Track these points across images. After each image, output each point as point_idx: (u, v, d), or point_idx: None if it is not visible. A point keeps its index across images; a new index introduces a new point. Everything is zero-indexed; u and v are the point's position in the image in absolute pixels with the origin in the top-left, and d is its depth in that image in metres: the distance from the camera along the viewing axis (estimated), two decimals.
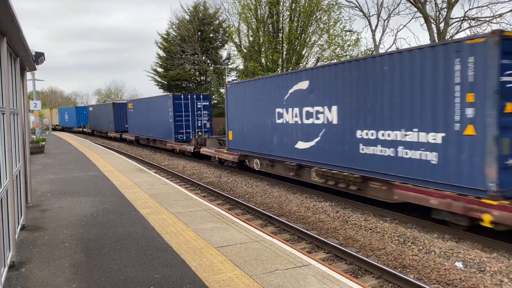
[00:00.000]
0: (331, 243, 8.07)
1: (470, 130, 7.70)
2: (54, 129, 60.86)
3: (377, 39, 30.33)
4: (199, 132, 24.02)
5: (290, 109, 13.36)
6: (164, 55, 47.63)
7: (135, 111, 30.66)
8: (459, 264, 7.12)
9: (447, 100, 8.07)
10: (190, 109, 23.94)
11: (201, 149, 20.48)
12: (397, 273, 6.57)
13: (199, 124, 24.17)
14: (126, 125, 33.44)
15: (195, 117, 24.11)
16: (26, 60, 8.27)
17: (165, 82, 47.65)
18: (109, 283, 5.12)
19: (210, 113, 24.83)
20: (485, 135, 7.44)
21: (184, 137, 23.66)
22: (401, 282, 6.41)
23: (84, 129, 48.55)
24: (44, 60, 9.09)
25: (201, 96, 24.74)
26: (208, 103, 24.67)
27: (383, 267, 6.82)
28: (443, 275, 6.77)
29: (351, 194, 11.22)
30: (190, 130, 23.84)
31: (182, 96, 24.09)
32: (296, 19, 33.18)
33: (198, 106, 24.22)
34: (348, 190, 11.01)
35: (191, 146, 21.59)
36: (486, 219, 7.34)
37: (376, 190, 10.14)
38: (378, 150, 9.85)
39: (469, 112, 7.69)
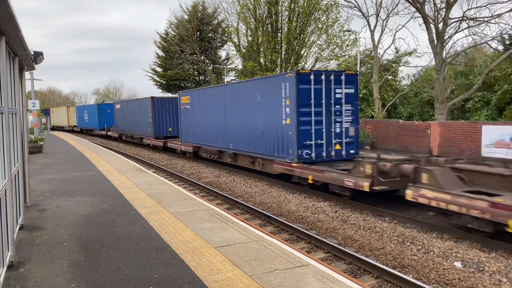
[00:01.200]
0: (330, 243, 8.07)
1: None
2: (72, 130, 52.46)
3: (376, 39, 30.37)
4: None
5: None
6: (163, 54, 47.65)
7: (193, 107, 20.86)
8: (458, 264, 7.13)
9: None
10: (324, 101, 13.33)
11: None
12: (396, 272, 6.58)
13: (338, 131, 13.51)
14: (170, 129, 26.81)
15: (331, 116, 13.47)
16: (25, 59, 8.25)
17: (164, 82, 47.66)
18: (108, 283, 5.12)
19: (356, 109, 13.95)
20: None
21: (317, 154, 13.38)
22: (400, 282, 6.41)
23: (109, 133, 38.17)
24: (43, 59, 9.07)
25: (343, 78, 13.48)
26: (354, 90, 13.72)
27: (382, 266, 6.83)
28: (442, 274, 6.78)
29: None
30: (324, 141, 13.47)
31: (312, 77, 13.08)
32: (295, 19, 33.18)
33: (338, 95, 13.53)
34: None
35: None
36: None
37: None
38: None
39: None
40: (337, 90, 13.38)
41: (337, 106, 13.38)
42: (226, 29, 41.78)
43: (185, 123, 22.32)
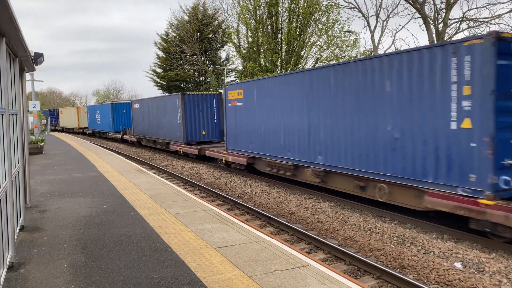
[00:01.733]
0: (330, 243, 8.07)
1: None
2: (82, 133, 48.27)
3: (376, 40, 30.39)
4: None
5: None
6: (163, 55, 47.67)
7: (249, 104, 16.04)
8: (458, 265, 7.13)
9: None
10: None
11: None
12: (396, 273, 6.58)
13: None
14: (203, 132, 22.25)
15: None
16: (25, 60, 8.27)
17: (164, 83, 47.67)
18: (108, 284, 5.12)
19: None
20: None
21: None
22: (400, 283, 6.41)
23: (125, 136, 33.38)
24: (43, 60, 9.08)
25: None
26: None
27: (382, 267, 6.83)
28: (442, 275, 6.77)
29: (350, 195, 11.25)
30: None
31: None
32: (295, 20, 33.21)
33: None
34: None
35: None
36: None
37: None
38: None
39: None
40: None
41: None
42: (226, 30, 41.86)
43: (234, 125, 17.01)
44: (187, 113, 21.62)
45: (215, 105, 22.27)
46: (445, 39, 24.22)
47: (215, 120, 22.47)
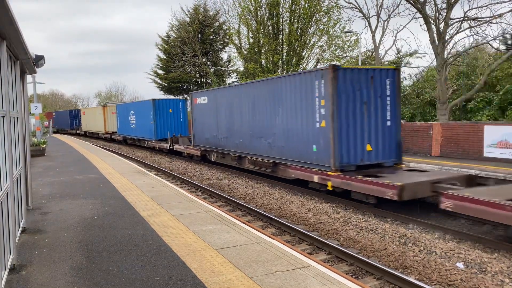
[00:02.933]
0: (332, 244, 8.06)
1: None
2: (110, 139, 38.12)
3: (377, 40, 30.35)
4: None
5: None
6: (165, 57, 47.78)
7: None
8: (460, 265, 7.11)
9: None
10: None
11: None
12: (398, 274, 6.57)
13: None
14: (369, 147, 11.87)
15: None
16: (26, 63, 8.29)
17: (166, 84, 47.76)
18: (109, 285, 5.12)
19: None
20: None
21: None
22: (402, 283, 6.40)
23: (177, 147, 23.35)
24: (44, 63, 9.11)
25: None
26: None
27: (384, 268, 6.81)
28: (444, 275, 6.75)
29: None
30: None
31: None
32: (296, 20, 33.22)
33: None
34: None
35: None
36: None
37: None
38: None
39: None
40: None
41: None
42: (228, 31, 41.93)
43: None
44: (341, 110, 11.26)
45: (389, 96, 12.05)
46: (446, 38, 24.19)
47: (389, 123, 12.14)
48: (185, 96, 43.11)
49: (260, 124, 15.15)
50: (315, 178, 12.03)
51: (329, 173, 11.45)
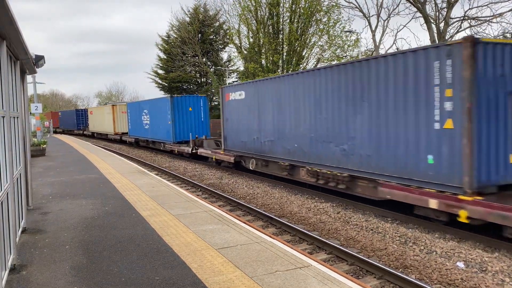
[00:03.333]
0: (332, 243, 8.06)
1: None
2: (120, 141, 35.81)
3: (377, 40, 30.34)
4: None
5: None
6: (165, 57, 47.75)
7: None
8: (460, 264, 7.10)
9: None
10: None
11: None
12: (398, 273, 6.56)
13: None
14: None
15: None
16: (26, 63, 8.29)
17: (166, 84, 47.74)
18: (110, 285, 5.12)
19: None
20: None
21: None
22: (402, 283, 6.39)
23: (201, 150, 20.54)
24: (44, 63, 9.11)
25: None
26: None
27: (384, 267, 6.81)
28: (444, 275, 6.75)
29: (348, 195, 11.23)
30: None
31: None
32: (296, 20, 33.21)
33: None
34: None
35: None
36: None
37: None
38: None
39: None
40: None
41: None
42: (228, 31, 41.91)
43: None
44: (481, 104, 8.02)
45: None
46: (446, 38, 24.17)
47: None
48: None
49: (329, 124, 11.69)
50: (433, 204, 8.43)
51: (461, 197, 7.92)
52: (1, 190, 5.22)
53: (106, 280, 5.30)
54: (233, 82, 44.07)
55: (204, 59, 45.09)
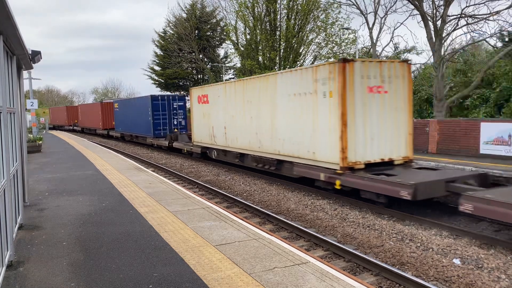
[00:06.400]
0: (329, 240, 8.08)
1: None
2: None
3: (374, 37, 30.34)
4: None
5: None
6: (161, 53, 47.56)
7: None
8: (457, 261, 7.15)
9: None
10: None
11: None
12: (395, 270, 6.59)
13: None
14: None
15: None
16: (23, 58, 8.23)
17: (162, 81, 47.59)
18: (107, 282, 5.11)
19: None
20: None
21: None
22: (399, 279, 6.43)
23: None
24: (41, 58, 9.04)
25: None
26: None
27: (381, 264, 6.84)
28: (441, 272, 6.79)
29: (346, 193, 11.28)
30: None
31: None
32: (293, 17, 33.14)
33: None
34: None
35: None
36: None
37: None
38: None
39: None
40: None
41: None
42: (225, 27, 41.76)
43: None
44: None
45: None
46: (443, 35, 24.20)
47: None
48: (182, 92, 42.89)
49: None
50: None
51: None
52: None
53: (103, 276, 5.29)
54: (230, 78, 43.98)
55: (200, 56, 44.95)
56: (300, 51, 34.29)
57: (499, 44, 28.37)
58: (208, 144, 19.38)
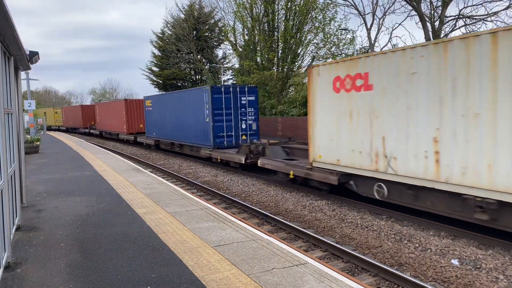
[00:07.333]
0: (327, 241, 8.08)
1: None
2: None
3: (372, 37, 30.39)
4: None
5: None
6: (159, 54, 47.55)
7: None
8: (455, 262, 7.16)
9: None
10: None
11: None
12: (393, 270, 6.59)
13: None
14: None
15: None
16: (20, 59, 8.21)
17: (160, 81, 47.56)
18: (105, 283, 5.10)
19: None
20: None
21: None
22: (397, 280, 6.43)
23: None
24: (39, 59, 9.02)
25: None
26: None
27: (379, 265, 6.84)
28: (439, 272, 6.80)
29: (345, 193, 11.26)
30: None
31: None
32: (291, 17, 33.16)
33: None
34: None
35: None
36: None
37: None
38: None
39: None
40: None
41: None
42: (223, 28, 41.77)
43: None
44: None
45: None
46: (441, 36, 24.27)
47: None
48: None
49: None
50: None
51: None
52: None
53: (101, 277, 5.28)
54: (228, 79, 43.96)
55: (199, 56, 44.93)
56: (299, 51, 34.32)
57: None
58: (366, 170, 10.13)
